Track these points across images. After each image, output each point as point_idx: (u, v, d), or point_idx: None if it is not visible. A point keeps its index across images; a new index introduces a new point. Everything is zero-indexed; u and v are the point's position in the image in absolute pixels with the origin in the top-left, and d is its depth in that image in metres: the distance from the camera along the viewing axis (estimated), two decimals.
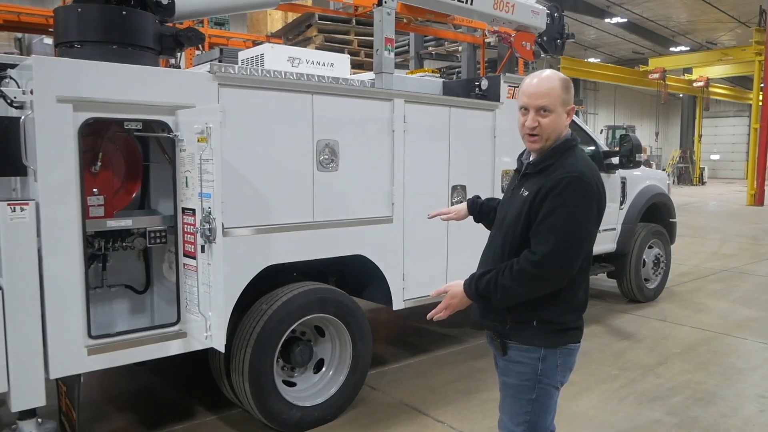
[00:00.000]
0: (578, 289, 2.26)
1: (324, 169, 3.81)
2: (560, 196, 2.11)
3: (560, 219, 2.10)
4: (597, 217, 2.18)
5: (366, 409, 4.14)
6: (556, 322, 2.22)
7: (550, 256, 2.09)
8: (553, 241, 2.09)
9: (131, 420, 4.04)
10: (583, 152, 2.32)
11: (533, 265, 2.10)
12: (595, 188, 2.16)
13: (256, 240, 3.55)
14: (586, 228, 2.14)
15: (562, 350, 2.25)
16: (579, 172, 2.14)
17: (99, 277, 3.50)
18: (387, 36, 4.31)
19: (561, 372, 2.27)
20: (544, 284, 2.15)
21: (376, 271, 4.19)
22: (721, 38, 29.01)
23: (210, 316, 3.06)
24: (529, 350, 2.23)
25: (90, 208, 3.17)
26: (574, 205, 2.11)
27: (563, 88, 2.22)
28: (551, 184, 2.14)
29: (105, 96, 2.94)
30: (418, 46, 14.53)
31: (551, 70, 2.30)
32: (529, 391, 2.25)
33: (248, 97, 3.48)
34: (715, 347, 5.52)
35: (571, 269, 2.15)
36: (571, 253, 2.12)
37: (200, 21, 13.39)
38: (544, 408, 2.28)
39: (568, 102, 2.24)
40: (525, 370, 2.25)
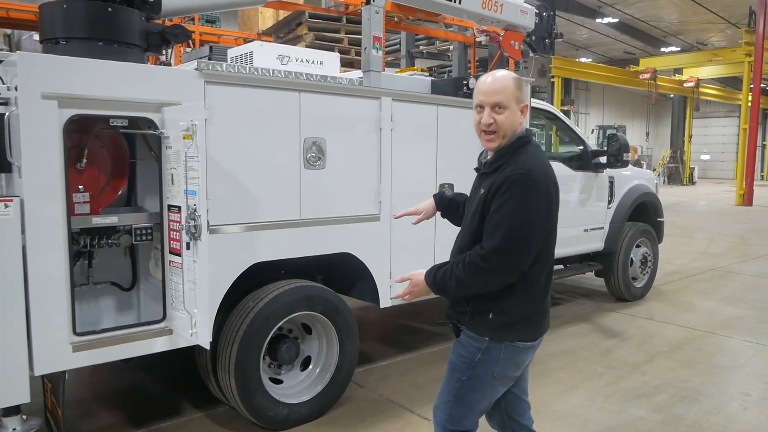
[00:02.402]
0: (536, 281, 2.32)
1: (311, 167, 3.82)
2: (507, 192, 2.19)
3: (507, 215, 2.18)
4: (546, 211, 2.24)
5: (353, 406, 4.15)
6: (512, 312, 2.30)
7: (497, 251, 2.17)
8: (500, 235, 2.17)
9: (118, 417, 4.03)
10: (537, 149, 2.37)
11: (482, 259, 2.19)
12: (543, 184, 2.23)
13: (242, 237, 3.55)
14: (533, 223, 2.20)
15: (509, 345, 2.33)
16: (526, 168, 2.22)
17: (85, 274, 3.50)
18: (375, 34, 4.31)
19: (504, 366, 2.35)
20: (494, 277, 2.23)
21: (363, 269, 4.20)
22: (712, 39, 29.20)
23: (195, 313, 3.06)
24: (475, 338, 2.35)
25: (75, 205, 3.17)
26: (521, 201, 2.18)
27: (516, 86, 2.31)
28: (500, 181, 2.23)
29: (90, 93, 2.94)
30: (409, 44, 14.55)
31: (505, 70, 2.39)
32: (461, 372, 2.39)
33: (235, 94, 3.47)
34: (700, 346, 5.57)
35: (519, 263, 2.22)
36: (519, 248, 2.19)
37: (191, 18, 13.37)
38: (474, 390, 2.38)
39: (522, 99, 2.33)
40: (464, 353, 2.38)
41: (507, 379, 2.42)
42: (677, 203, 20.43)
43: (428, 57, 15.70)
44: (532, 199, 2.19)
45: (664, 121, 40.60)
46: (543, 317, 2.42)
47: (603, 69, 26.39)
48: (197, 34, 12.34)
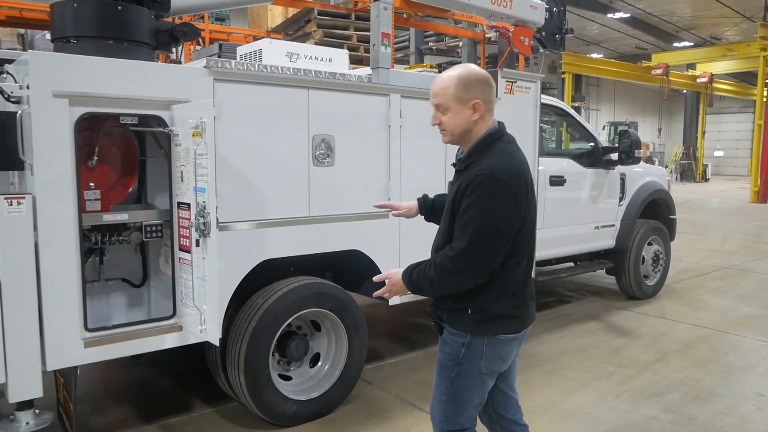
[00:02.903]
0: (511, 275, 2.32)
1: (320, 164, 3.82)
2: (473, 192, 2.19)
3: (474, 215, 2.19)
4: (514, 210, 2.22)
5: (361, 403, 4.16)
6: (487, 309, 2.31)
7: (464, 252, 2.19)
8: (467, 236, 2.18)
9: (128, 412, 4.06)
10: (508, 145, 2.34)
11: (450, 260, 2.21)
12: (510, 182, 2.20)
13: (251, 234, 3.57)
14: (499, 223, 2.19)
15: (491, 339, 2.34)
16: (492, 168, 2.20)
17: (96, 270, 3.53)
18: (384, 31, 4.30)
19: (488, 359, 2.35)
20: (463, 278, 2.24)
21: (372, 266, 4.20)
22: (726, 33, 28.87)
23: (204, 309, 3.07)
24: (457, 334, 2.36)
25: (86, 203, 3.20)
26: (487, 201, 2.18)
27: (457, 86, 2.29)
28: (467, 181, 2.23)
29: (100, 91, 2.96)
30: (418, 41, 14.50)
31: (460, 67, 2.35)
32: (449, 370, 2.40)
33: (244, 91, 3.48)
34: (713, 345, 5.52)
35: (488, 263, 2.23)
36: (486, 248, 2.20)
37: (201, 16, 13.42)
38: (464, 387, 2.39)
39: (466, 99, 2.29)
40: (449, 351, 2.39)
41: (494, 373, 2.44)
42: (690, 200, 20.27)
43: (437, 53, 15.65)
44: (498, 199, 2.19)
45: (676, 117, 40.25)
46: (525, 310, 2.41)
47: (614, 65, 26.19)
48: (207, 32, 12.39)
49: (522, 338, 2.45)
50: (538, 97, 5.19)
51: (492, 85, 2.34)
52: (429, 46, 14.78)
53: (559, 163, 6.03)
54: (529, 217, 2.31)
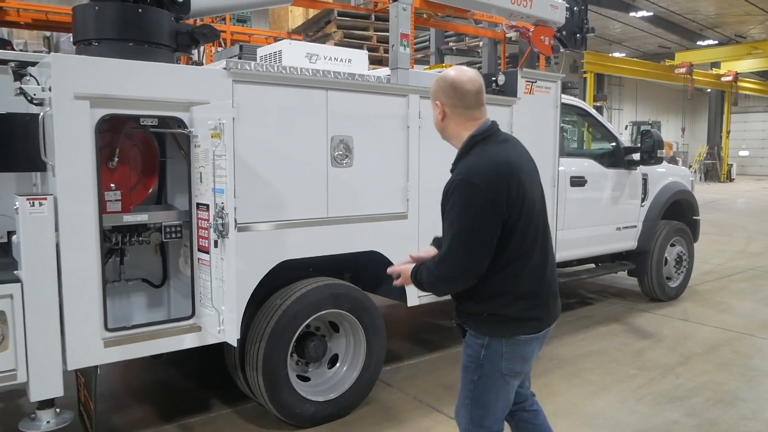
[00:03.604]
0: (518, 278, 2.32)
1: (338, 165, 3.82)
2: (450, 199, 2.25)
3: (450, 223, 2.24)
4: (492, 212, 2.20)
5: (380, 404, 4.15)
6: (501, 313, 2.33)
7: (445, 259, 2.25)
8: (447, 244, 2.24)
9: (148, 411, 4.10)
10: (495, 146, 2.33)
11: (436, 266, 2.29)
12: (484, 185, 2.20)
13: (270, 235, 3.58)
14: (475, 227, 2.20)
15: (510, 340, 2.34)
16: (465, 173, 2.24)
17: (117, 270, 3.56)
18: (403, 31, 4.29)
19: (508, 360, 2.36)
20: (449, 282, 2.33)
21: None
22: (751, 31, 28.35)
23: (223, 310, 3.08)
24: (477, 336, 2.39)
25: (107, 203, 3.22)
26: (460, 208, 2.21)
27: (432, 87, 2.43)
28: (446, 188, 2.30)
29: (121, 93, 2.98)
30: (438, 41, 14.46)
31: (449, 69, 2.46)
32: (472, 372, 2.43)
33: (263, 93, 3.49)
34: (737, 348, 5.42)
35: (470, 267, 2.25)
36: (465, 253, 2.23)
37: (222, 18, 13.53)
38: (487, 389, 2.41)
39: (433, 99, 2.43)
40: (471, 353, 2.42)
41: (517, 375, 2.43)
42: (714, 200, 19.94)
43: (458, 54, 15.59)
44: (470, 203, 2.20)
45: (700, 116, 39.63)
46: (544, 310, 2.40)
47: (637, 64, 25.87)
48: (228, 33, 12.48)
49: (543, 338, 2.45)
50: (559, 97, 5.14)
51: (457, 87, 2.33)
52: (449, 46, 14.74)
53: (580, 163, 5.96)
54: (522, 216, 2.27)
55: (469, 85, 2.34)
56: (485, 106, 2.41)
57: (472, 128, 2.36)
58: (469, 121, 2.37)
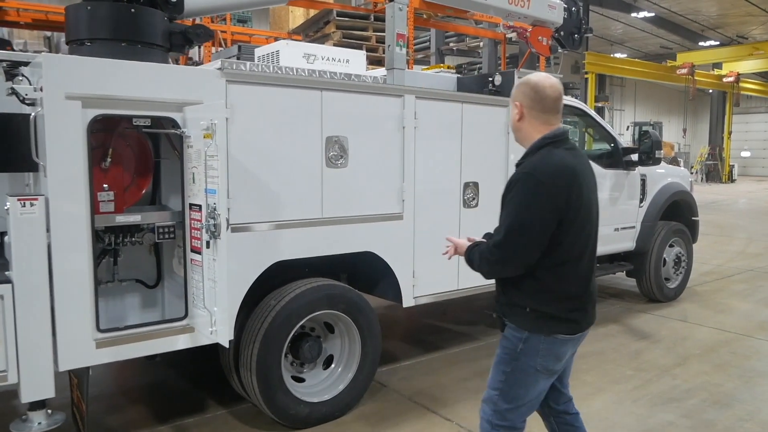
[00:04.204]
0: (563, 280, 2.41)
1: (333, 166, 3.81)
2: (511, 191, 2.40)
3: (509, 212, 2.38)
4: (550, 207, 2.31)
5: (375, 405, 4.14)
6: (542, 310, 2.41)
7: (499, 245, 2.38)
8: (503, 231, 2.37)
9: (143, 413, 4.09)
10: (562, 151, 2.42)
11: (488, 251, 2.42)
12: (547, 181, 2.32)
13: (264, 236, 3.57)
14: (531, 220, 2.32)
15: (548, 338, 2.42)
16: (530, 168, 2.37)
17: (110, 271, 3.55)
18: (399, 32, 4.29)
19: (544, 357, 2.44)
20: (498, 267, 2.44)
21: (386, 268, 4.17)
22: (753, 32, 28.28)
23: (215, 311, 3.08)
24: (517, 330, 2.47)
25: (100, 204, 3.21)
26: (521, 199, 2.35)
27: (514, 88, 2.57)
28: (510, 180, 2.44)
29: (113, 93, 2.98)
30: (439, 42, 14.44)
31: (533, 74, 2.57)
32: (506, 364, 2.50)
33: (257, 93, 3.48)
34: (735, 349, 5.40)
35: (520, 256, 2.36)
36: (519, 242, 2.34)
37: (223, 18, 13.53)
38: (518, 383, 2.48)
39: (513, 100, 2.54)
40: (508, 345, 2.50)
41: (549, 373, 2.50)
42: (715, 201, 19.89)
43: (458, 54, 15.57)
44: (532, 197, 2.32)
45: (702, 117, 39.58)
46: (583, 314, 2.48)
47: (638, 64, 25.83)
48: (229, 33, 12.47)
49: (578, 341, 2.54)
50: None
51: (539, 92, 2.44)
52: (450, 46, 14.72)
53: None
54: (577, 221, 2.37)
55: (549, 90, 2.45)
56: (561, 115, 2.53)
57: (544, 132, 2.46)
58: (543, 124, 2.46)
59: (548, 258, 2.36)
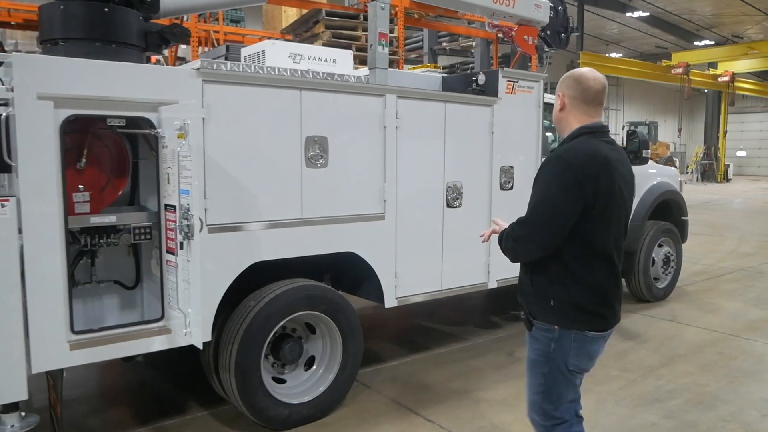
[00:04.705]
0: (592, 271, 2.39)
1: (313, 166, 3.79)
2: (540, 172, 2.43)
3: (536, 191, 2.40)
4: (576, 192, 2.30)
5: (357, 407, 4.12)
6: (571, 301, 2.39)
7: (524, 221, 2.41)
8: (529, 209, 2.40)
9: (124, 414, 4.07)
10: (597, 141, 2.42)
11: (512, 228, 2.46)
12: (576, 165, 2.31)
13: (242, 236, 3.54)
14: (556, 200, 2.32)
15: (579, 335, 2.41)
16: (562, 151, 2.39)
17: (88, 272, 3.53)
18: (381, 31, 4.27)
19: (575, 356, 2.42)
20: (520, 246, 2.44)
21: (368, 269, 4.15)
22: (748, 32, 28.34)
23: (189, 312, 3.05)
24: (546, 329, 2.45)
25: (75, 204, 3.19)
26: (548, 180, 2.37)
27: (559, 81, 2.57)
28: (542, 162, 2.49)
29: (86, 93, 2.95)
30: (431, 41, 14.42)
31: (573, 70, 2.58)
32: (542, 366, 2.48)
33: (234, 93, 3.46)
34: (722, 349, 5.39)
35: (542, 237, 2.36)
36: (541, 221, 2.35)
37: (215, 18, 13.50)
38: (557, 383, 2.47)
39: (557, 91, 2.57)
40: (539, 347, 2.48)
41: (581, 371, 2.51)
42: (710, 201, 19.89)
43: (451, 54, 15.56)
44: (558, 179, 2.32)
45: (698, 116, 39.59)
46: (610, 310, 2.47)
47: (634, 64, 25.84)
48: (221, 33, 12.44)
49: (607, 337, 2.51)
50: (542, 96, 5.11)
51: (581, 83, 2.46)
52: (442, 46, 14.69)
53: None
54: (607, 211, 2.36)
55: (592, 82, 2.45)
56: (602, 109, 2.52)
57: (584, 123, 2.47)
58: (584, 115, 2.47)
59: (579, 247, 2.36)
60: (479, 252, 4.77)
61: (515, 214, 5.05)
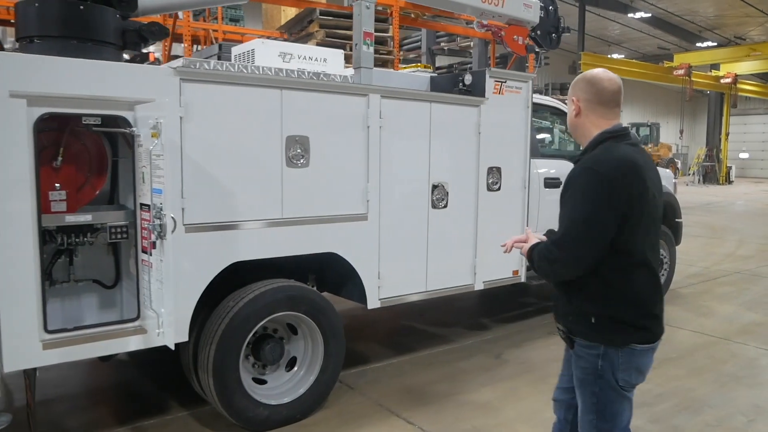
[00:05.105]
0: (632, 282, 2.28)
1: (294, 165, 3.76)
2: (571, 187, 2.27)
3: (569, 208, 2.25)
4: (611, 204, 2.19)
5: (338, 408, 4.09)
6: (613, 316, 2.27)
7: (559, 243, 2.25)
8: (563, 228, 2.25)
9: (104, 413, 4.05)
10: (624, 146, 2.31)
11: (548, 250, 2.28)
12: (609, 175, 2.18)
13: (221, 236, 3.52)
14: (592, 217, 2.19)
15: (625, 350, 2.28)
16: (591, 162, 2.24)
17: (66, 271, 3.50)
18: (366, 30, 4.23)
19: (624, 372, 2.29)
20: (557, 266, 2.29)
21: (352, 270, 4.12)
22: (750, 33, 28.23)
23: (162, 312, 3.03)
24: (590, 346, 2.32)
25: (51, 203, 3.17)
26: (581, 196, 2.22)
27: (573, 84, 2.45)
28: (570, 175, 2.30)
29: (60, 91, 2.93)
30: (430, 41, 14.39)
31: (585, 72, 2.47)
32: (593, 384, 2.35)
33: (213, 92, 3.43)
34: (713, 353, 5.34)
35: (581, 255, 2.22)
36: (580, 241, 2.21)
37: (214, 17, 13.50)
38: (611, 401, 2.34)
39: (571, 96, 2.43)
40: (585, 365, 2.35)
41: (632, 387, 2.37)
42: (710, 203, 19.80)
43: (450, 54, 15.52)
44: (592, 191, 2.20)
45: (700, 118, 39.46)
46: (654, 321, 2.34)
47: (635, 65, 25.76)
48: (220, 33, 12.44)
49: (656, 349, 2.38)
50: (530, 97, 5.07)
51: (595, 84, 2.36)
52: (441, 46, 14.66)
53: (556, 164, 5.88)
54: (643, 219, 2.26)
55: (607, 83, 2.36)
56: (620, 110, 2.41)
57: (603, 127, 2.36)
58: (602, 119, 2.36)
59: (617, 259, 2.24)
60: (465, 253, 4.73)
61: (503, 215, 5.05)
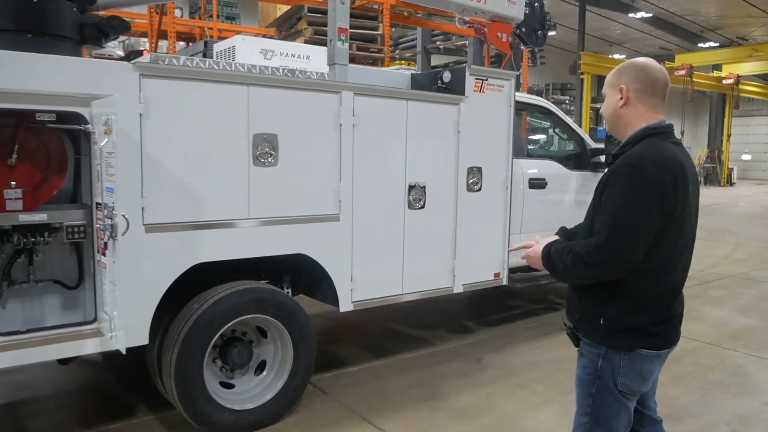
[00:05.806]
0: (652, 287, 2.18)
1: (261, 164, 3.65)
2: (614, 185, 2.13)
3: (612, 208, 2.11)
4: (658, 204, 2.08)
5: (308, 414, 3.99)
6: (621, 321, 2.19)
7: (600, 246, 2.11)
8: (605, 231, 2.11)
9: (69, 417, 3.95)
10: (667, 143, 2.21)
11: (587, 253, 2.13)
12: (655, 175, 2.07)
13: (183, 237, 3.41)
14: (638, 218, 2.08)
15: (630, 354, 2.20)
16: (636, 159, 2.11)
17: (25, 272, 3.41)
18: (341, 26, 4.12)
19: (626, 376, 2.22)
20: (595, 271, 2.15)
21: (322, 271, 4.02)
22: (753, 33, 28.04)
23: (115, 315, 2.93)
24: (593, 346, 2.27)
25: (6, 201, 3.08)
26: (626, 194, 2.09)
27: (613, 73, 2.31)
28: (610, 172, 2.18)
29: (9, 86, 2.83)
30: (425, 40, 14.27)
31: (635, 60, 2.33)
32: (589, 385, 2.29)
33: (175, 88, 3.32)
34: (700, 359, 5.23)
35: (626, 258, 2.10)
36: (623, 243, 2.09)
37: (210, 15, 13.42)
38: (606, 405, 2.27)
39: (615, 84, 2.28)
40: (586, 364, 2.30)
41: (633, 393, 2.28)
42: (711, 205, 19.65)
43: (445, 53, 15.41)
44: (639, 192, 2.08)
45: (702, 119, 39.25)
46: (668, 328, 2.25)
47: None
48: (215, 30, 12.38)
49: (665, 356, 2.31)
50: (513, 95, 4.96)
51: (648, 73, 2.23)
52: (436, 45, 14.55)
53: (541, 165, 5.78)
54: (678, 221, 2.16)
55: (659, 73, 2.24)
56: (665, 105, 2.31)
57: (650, 120, 2.23)
58: (650, 112, 2.24)
59: (642, 261, 2.12)
60: (443, 255, 4.62)
61: (484, 216, 4.93)
